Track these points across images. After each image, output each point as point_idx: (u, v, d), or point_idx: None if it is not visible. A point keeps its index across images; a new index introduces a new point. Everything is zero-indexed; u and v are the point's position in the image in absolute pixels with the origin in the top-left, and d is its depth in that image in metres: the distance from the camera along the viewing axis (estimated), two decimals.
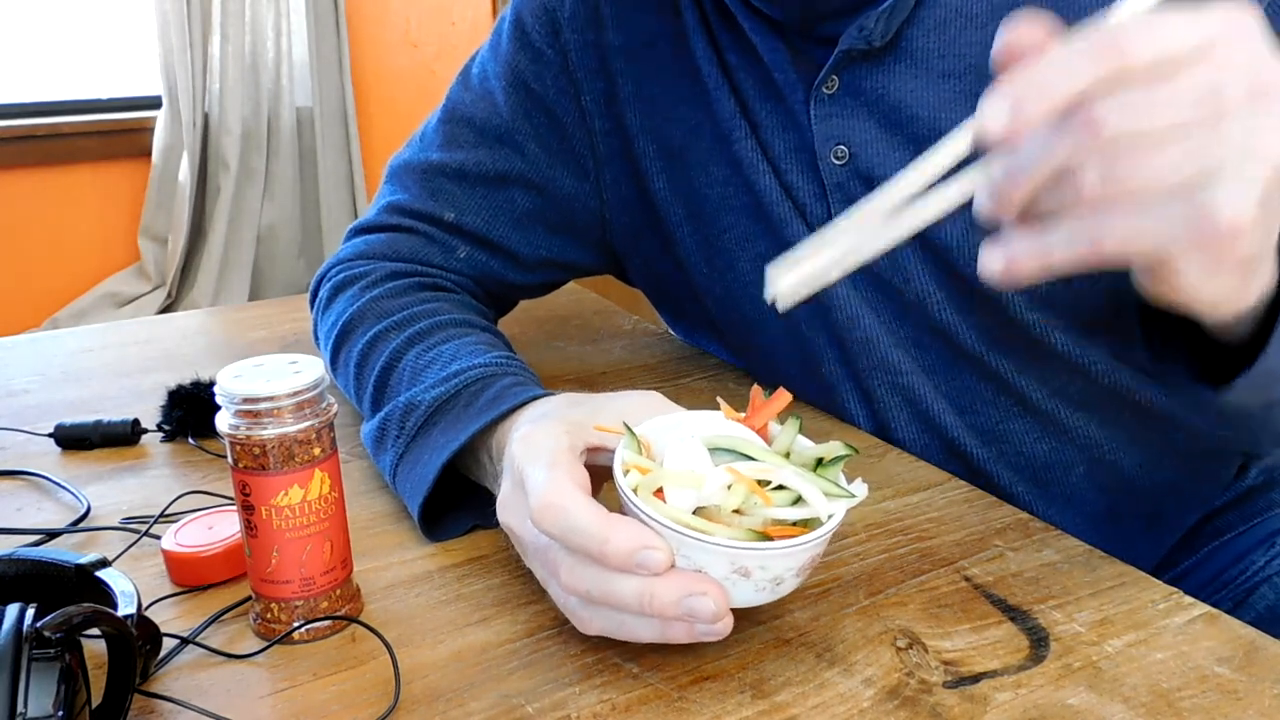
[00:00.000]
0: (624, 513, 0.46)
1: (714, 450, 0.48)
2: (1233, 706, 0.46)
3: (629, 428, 0.49)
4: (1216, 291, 0.43)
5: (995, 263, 0.41)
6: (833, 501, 0.46)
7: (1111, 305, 0.66)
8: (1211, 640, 0.51)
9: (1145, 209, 0.39)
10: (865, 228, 0.44)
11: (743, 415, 0.51)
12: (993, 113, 0.38)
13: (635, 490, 0.46)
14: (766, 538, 0.45)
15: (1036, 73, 0.38)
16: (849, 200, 0.72)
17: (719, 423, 0.50)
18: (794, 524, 0.46)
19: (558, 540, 0.46)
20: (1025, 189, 0.40)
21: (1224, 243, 0.39)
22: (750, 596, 0.46)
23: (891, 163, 0.70)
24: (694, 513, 0.45)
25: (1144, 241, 0.39)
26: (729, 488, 0.46)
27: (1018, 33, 0.40)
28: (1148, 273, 0.43)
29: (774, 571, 0.45)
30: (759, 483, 0.46)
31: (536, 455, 0.48)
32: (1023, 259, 0.41)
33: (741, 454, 0.47)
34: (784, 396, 0.50)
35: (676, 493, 0.46)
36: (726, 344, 0.90)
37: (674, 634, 0.46)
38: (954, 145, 0.42)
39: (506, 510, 0.51)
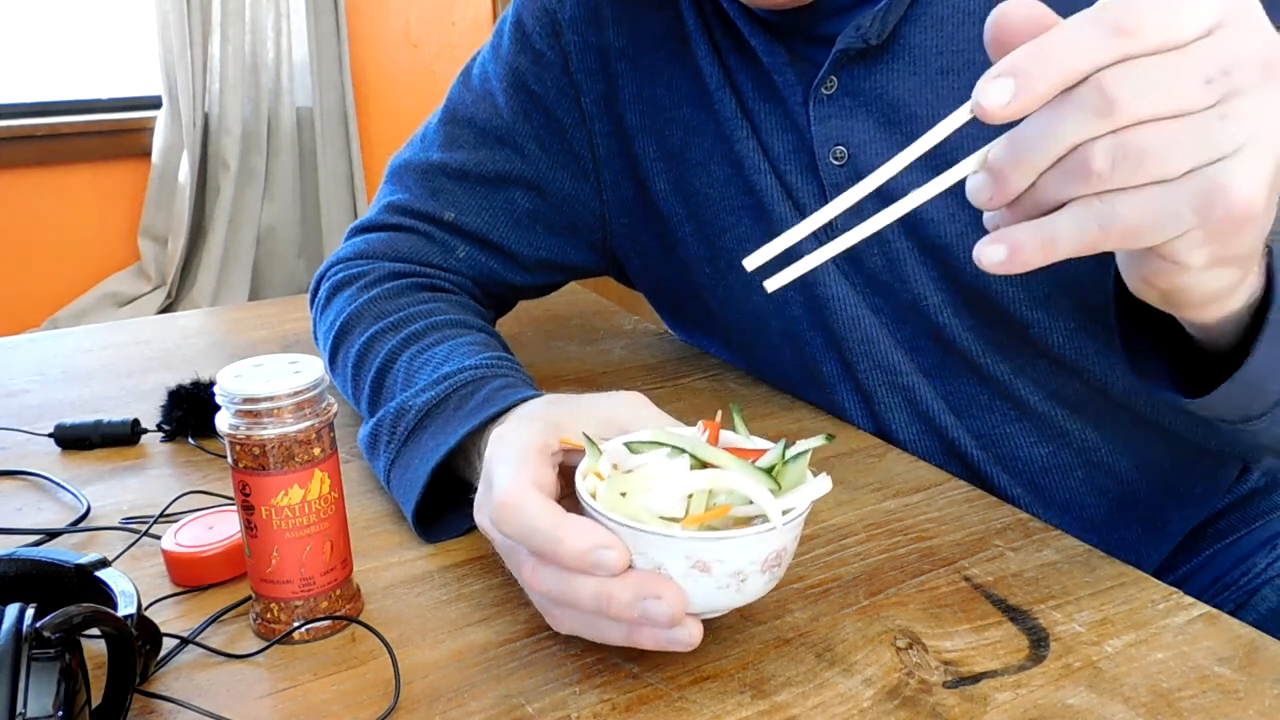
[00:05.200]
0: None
1: (658, 443, 0.48)
2: (1233, 706, 0.46)
3: (589, 439, 0.49)
4: (1215, 285, 0.42)
5: (996, 252, 0.39)
6: (791, 495, 0.46)
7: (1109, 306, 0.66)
8: (1211, 640, 0.51)
9: (1157, 191, 0.37)
10: (855, 212, 0.42)
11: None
12: (995, 89, 0.36)
13: (593, 494, 0.46)
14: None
15: (1043, 48, 0.36)
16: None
17: (681, 431, 0.50)
18: (758, 520, 0.45)
19: (517, 540, 0.46)
20: (1028, 172, 0.38)
21: (1236, 224, 0.37)
22: (714, 596, 0.45)
23: None
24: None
25: (1154, 226, 0.38)
26: (690, 498, 0.45)
27: (1012, 9, 0.38)
28: (1149, 264, 0.42)
29: (734, 565, 0.44)
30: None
31: (505, 455, 0.48)
32: (1026, 246, 0.39)
33: (692, 455, 0.47)
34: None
35: (639, 497, 0.45)
36: (727, 344, 0.90)
37: (641, 639, 0.45)
38: (949, 125, 0.40)
39: (480, 511, 0.51)
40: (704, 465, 0.47)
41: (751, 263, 0.43)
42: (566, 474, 0.50)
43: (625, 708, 0.47)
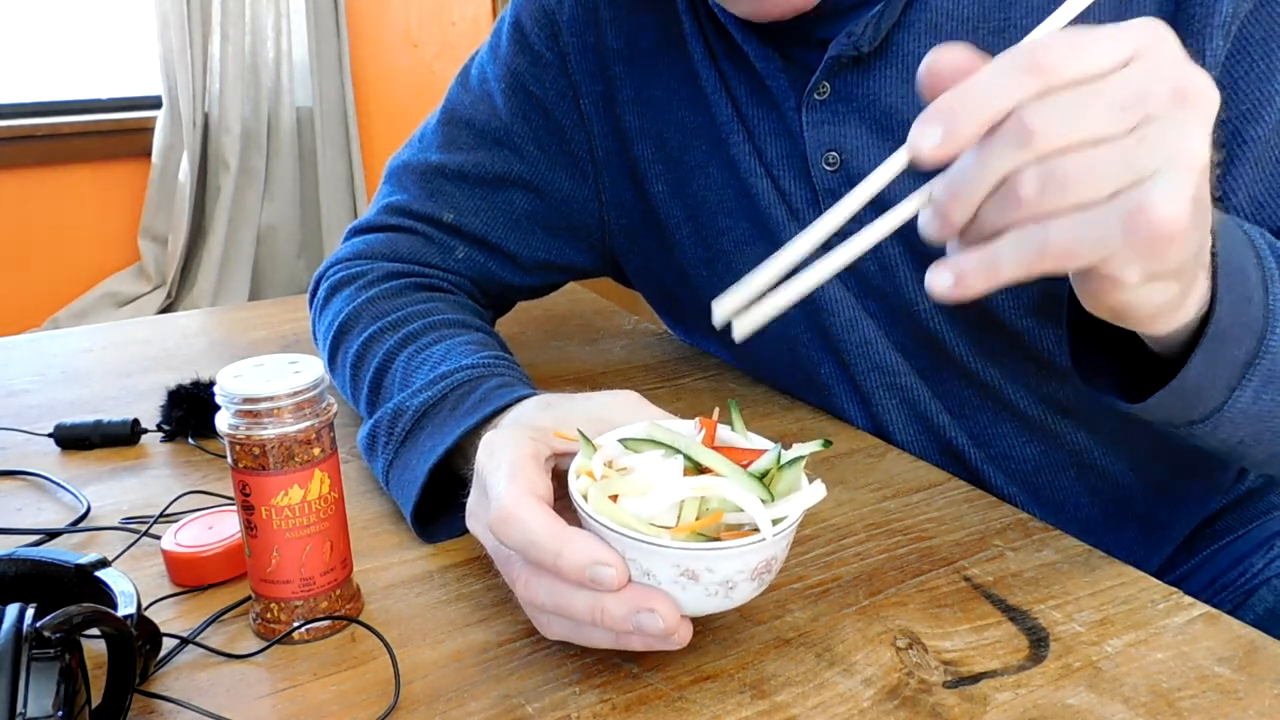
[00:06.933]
0: (579, 519, 0.46)
1: (653, 441, 0.48)
2: (1233, 706, 0.46)
3: (584, 435, 0.49)
4: (1156, 300, 0.44)
5: (944, 279, 0.42)
6: (784, 503, 0.46)
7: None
8: (1211, 640, 0.51)
9: (1085, 214, 0.39)
10: (811, 255, 0.45)
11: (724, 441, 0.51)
12: (925, 134, 0.39)
13: (584, 496, 0.46)
14: (717, 540, 0.45)
15: (965, 93, 0.39)
16: None
17: (677, 426, 0.50)
18: (749, 527, 0.45)
19: (515, 551, 0.46)
20: (967, 205, 0.41)
21: (1162, 242, 0.40)
22: (703, 602, 0.45)
23: None
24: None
25: (1086, 247, 0.40)
26: (681, 504, 0.45)
27: (940, 58, 0.41)
28: (1091, 282, 0.44)
29: (723, 574, 0.44)
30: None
31: (498, 464, 0.48)
32: (970, 273, 0.42)
33: (684, 454, 0.47)
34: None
35: (630, 500, 0.45)
36: (725, 344, 0.90)
37: (630, 643, 0.46)
38: (890, 168, 0.43)
39: (473, 519, 0.51)
40: (698, 466, 0.47)
41: (720, 316, 0.46)
42: (560, 478, 0.50)
43: (625, 708, 0.47)
